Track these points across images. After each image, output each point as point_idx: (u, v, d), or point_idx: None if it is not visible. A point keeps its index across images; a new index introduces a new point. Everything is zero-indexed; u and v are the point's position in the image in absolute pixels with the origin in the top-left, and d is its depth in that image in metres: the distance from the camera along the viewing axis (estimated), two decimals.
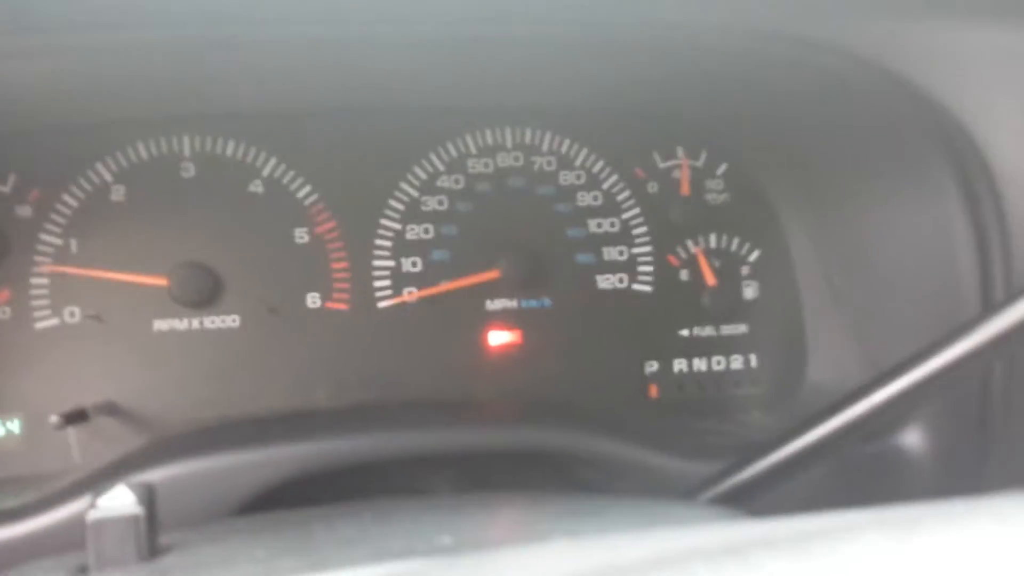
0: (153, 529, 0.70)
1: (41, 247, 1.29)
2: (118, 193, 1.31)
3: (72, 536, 0.97)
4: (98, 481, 1.03)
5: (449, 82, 1.27)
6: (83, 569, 0.70)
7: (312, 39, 1.05)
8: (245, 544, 0.68)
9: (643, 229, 1.42)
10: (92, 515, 0.69)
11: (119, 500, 0.70)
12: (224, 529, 0.78)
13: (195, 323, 1.31)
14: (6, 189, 1.30)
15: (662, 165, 1.43)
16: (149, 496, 0.70)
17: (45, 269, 1.29)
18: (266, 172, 1.35)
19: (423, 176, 1.39)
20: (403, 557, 0.58)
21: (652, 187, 1.43)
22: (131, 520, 0.69)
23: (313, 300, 1.35)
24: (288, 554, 0.63)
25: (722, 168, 1.44)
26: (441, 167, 1.39)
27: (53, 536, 0.98)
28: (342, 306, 1.35)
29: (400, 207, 1.38)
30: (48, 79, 1.12)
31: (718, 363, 1.43)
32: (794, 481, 1.01)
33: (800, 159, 1.36)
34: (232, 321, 1.32)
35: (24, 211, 1.29)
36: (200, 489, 1.00)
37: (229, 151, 1.34)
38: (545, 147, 1.41)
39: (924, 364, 0.88)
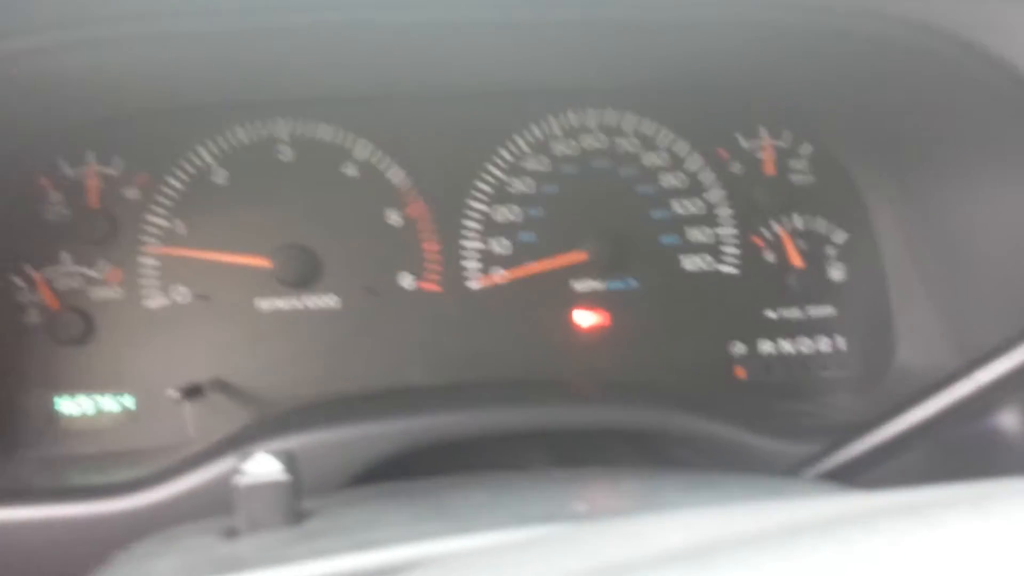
0: (298, 495, 0.74)
1: (149, 228, 1.35)
2: (220, 176, 1.36)
3: (197, 506, 1.03)
4: (215, 455, 1.09)
5: (533, 65, 1.29)
6: (232, 532, 0.75)
7: (402, 24, 1.08)
8: (385, 509, 0.72)
9: (728, 210, 1.43)
10: (242, 480, 0.73)
11: (265, 467, 0.74)
12: (356, 496, 0.82)
13: (296, 303, 1.36)
14: (114, 172, 1.35)
15: (745, 145, 1.44)
16: (292, 463, 0.75)
17: (153, 250, 1.35)
18: (359, 155, 1.39)
19: (509, 158, 1.42)
20: (545, 522, 0.61)
21: (736, 167, 1.44)
22: (279, 486, 0.73)
23: (407, 280, 1.39)
24: (431, 519, 0.66)
25: (807, 148, 1.45)
26: (527, 149, 1.42)
27: (178, 505, 1.03)
28: (435, 287, 1.39)
29: (488, 189, 1.41)
30: (149, 65, 1.16)
31: (805, 345, 1.44)
32: (891, 463, 1.02)
33: (888, 139, 1.36)
34: (331, 301, 1.37)
35: (132, 193, 1.35)
36: (312, 463, 1.04)
37: (324, 135, 1.38)
38: (628, 128, 1.43)
39: (1019, 347, 0.89)
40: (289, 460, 0.75)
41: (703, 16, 1.09)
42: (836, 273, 1.44)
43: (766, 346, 1.43)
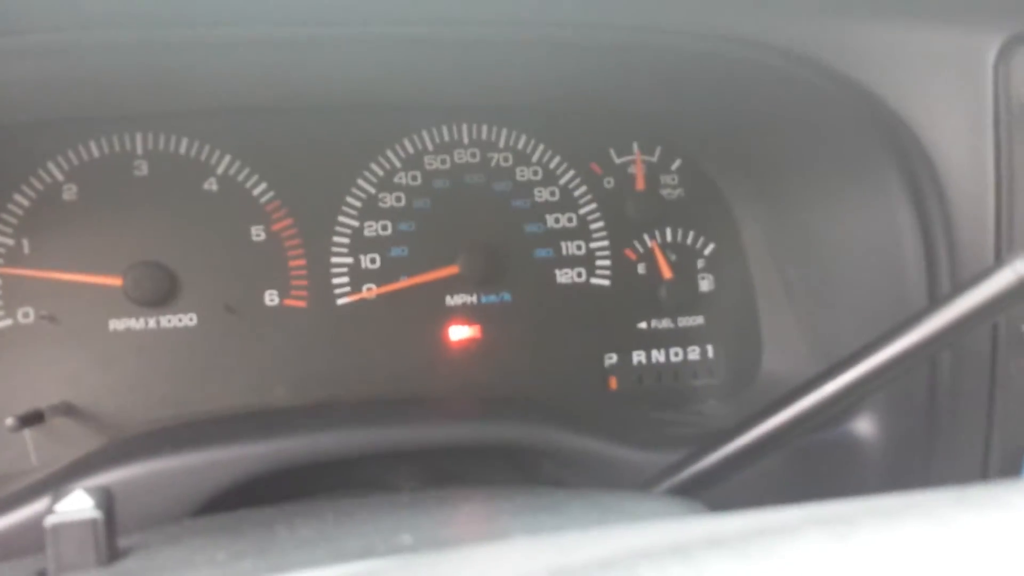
0: (112, 533, 0.70)
1: None
2: (70, 192, 1.29)
3: (29, 540, 0.96)
4: (55, 483, 1.03)
5: (405, 80, 1.27)
6: (42, 573, 0.70)
7: (268, 38, 1.05)
8: (204, 546, 0.68)
9: (600, 224, 1.43)
10: (50, 520, 0.68)
11: (77, 504, 0.69)
12: (183, 531, 0.78)
13: (151, 322, 1.30)
14: None
15: (618, 161, 1.45)
16: (107, 500, 0.70)
17: None
18: (221, 170, 1.34)
19: (380, 173, 1.39)
20: (363, 557, 0.59)
21: (608, 182, 1.44)
22: (90, 524, 0.68)
23: (271, 298, 1.34)
24: (247, 556, 0.63)
25: (676, 163, 1.46)
26: (398, 164, 1.39)
27: (10, 540, 0.97)
28: (300, 303, 1.35)
29: (357, 204, 1.38)
30: None
31: (676, 355, 1.45)
32: (750, 469, 1.03)
33: (750, 155, 1.38)
34: (189, 320, 1.31)
35: None
36: (159, 490, 1.00)
37: (183, 149, 1.33)
38: (502, 143, 1.42)
39: (873, 355, 0.91)
40: (103, 497, 0.70)
41: (577, 39, 1.09)
42: (705, 284, 1.46)
43: (638, 356, 1.44)
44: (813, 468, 1.20)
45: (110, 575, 0.65)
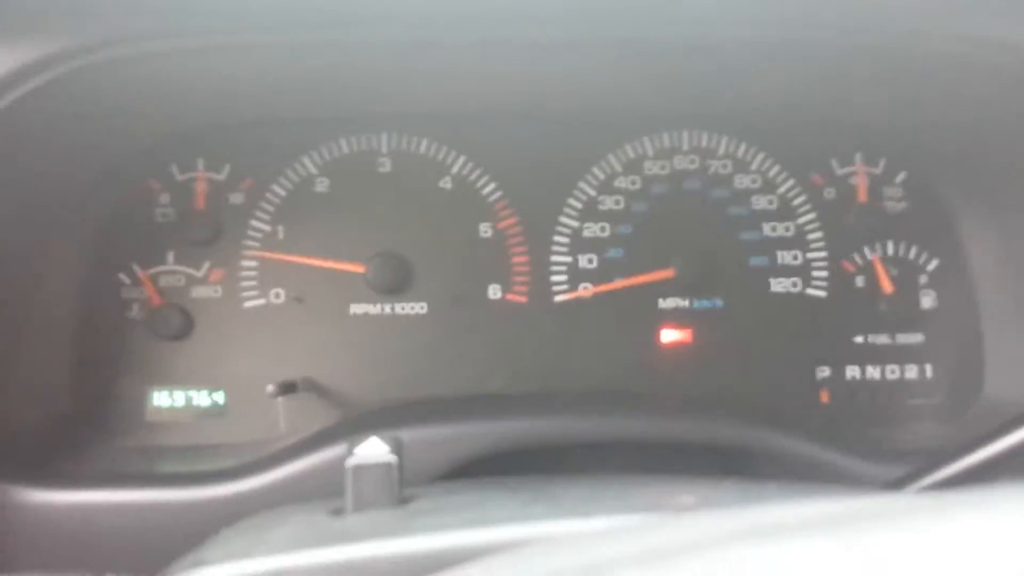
0: (403, 477, 0.76)
1: (251, 232, 1.40)
2: (322, 185, 1.41)
3: (296, 494, 1.06)
4: (319, 444, 1.12)
5: (629, 87, 1.31)
6: (339, 511, 0.77)
7: (505, 42, 1.11)
8: (487, 496, 0.74)
9: (818, 234, 1.42)
10: (351, 461, 0.75)
11: (373, 449, 0.76)
12: (454, 487, 0.84)
13: (387, 308, 1.40)
14: (221, 178, 1.41)
15: (840, 171, 1.44)
16: (400, 447, 0.77)
17: (254, 253, 1.40)
18: (455, 169, 1.42)
19: (601, 176, 1.44)
20: (652, 510, 0.62)
21: (829, 193, 1.43)
22: (386, 467, 0.75)
23: (494, 291, 1.41)
24: (535, 504, 0.67)
25: (901, 176, 1.44)
26: (619, 168, 1.44)
27: (278, 493, 1.07)
28: (521, 298, 1.41)
29: (578, 206, 1.43)
30: (259, 75, 1.22)
31: (892, 372, 1.42)
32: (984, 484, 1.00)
33: (983, 167, 1.34)
34: (421, 308, 1.40)
35: (237, 199, 1.41)
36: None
37: (423, 149, 1.42)
38: (721, 151, 1.44)
39: None
40: (397, 444, 0.77)
41: (801, 42, 1.10)
42: (927, 300, 1.42)
43: (852, 371, 1.41)
44: None
45: (408, 512, 0.71)
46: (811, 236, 1.43)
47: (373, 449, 0.76)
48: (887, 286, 1.41)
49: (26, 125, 1.11)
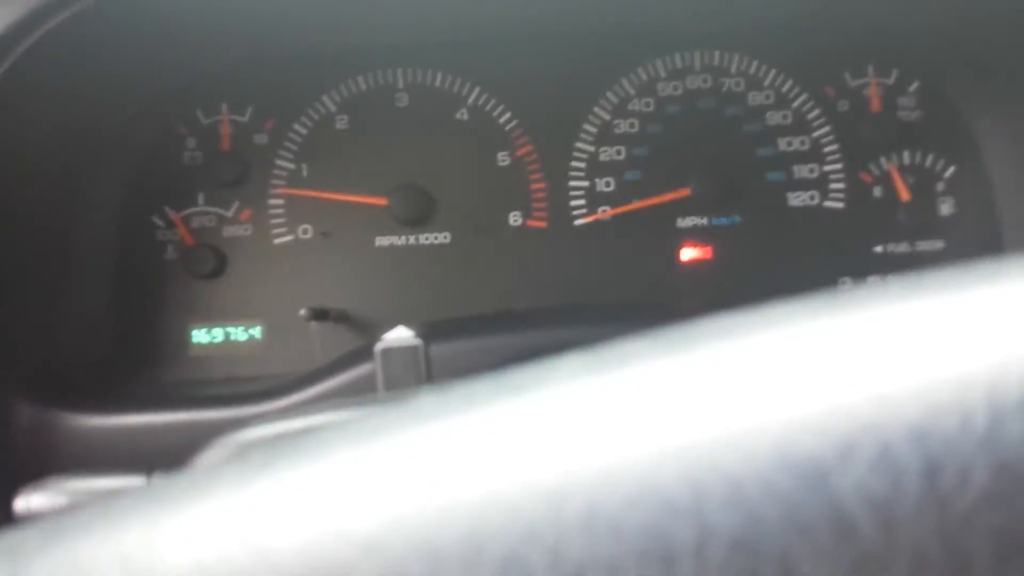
0: (430, 359, 0.80)
1: (276, 171, 1.45)
2: (342, 122, 1.45)
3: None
4: (342, 365, 1.16)
5: (639, 6, 1.33)
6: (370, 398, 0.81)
7: None
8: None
9: (834, 147, 1.44)
10: (380, 346, 0.80)
11: (401, 335, 0.80)
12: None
13: (411, 239, 1.44)
14: (245, 119, 1.46)
15: (852, 83, 1.44)
16: (427, 335, 0.81)
17: (280, 191, 1.44)
18: (471, 100, 1.45)
19: (615, 100, 1.46)
20: None
21: (843, 105, 1.44)
22: (414, 350, 0.79)
23: (515, 218, 1.44)
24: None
25: (914, 85, 1.44)
26: (632, 91, 1.45)
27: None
28: (542, 224, 1.44)
29: (593, 130, 1.45)
30: (277, 14, 1.25)
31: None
32: None
33: (997, 72, 1.34)
34: (444, 238, 1.44)
35: (261, 139, 1.45)
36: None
37: (438, 82, 1.45)
38: (734, 69, 1.45)
39: None
40: (423, 332, 0.81)
41: None
42: (945, 207, 1.43)
43: (873, 281, 1.43)
44: None
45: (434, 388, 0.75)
46: (827, 149, 1.44)
47: (399, 334, 0.80)
48: (904, 194, 1.42)
49: (53, 68, 1.15)
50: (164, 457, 1.13)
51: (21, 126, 1.17)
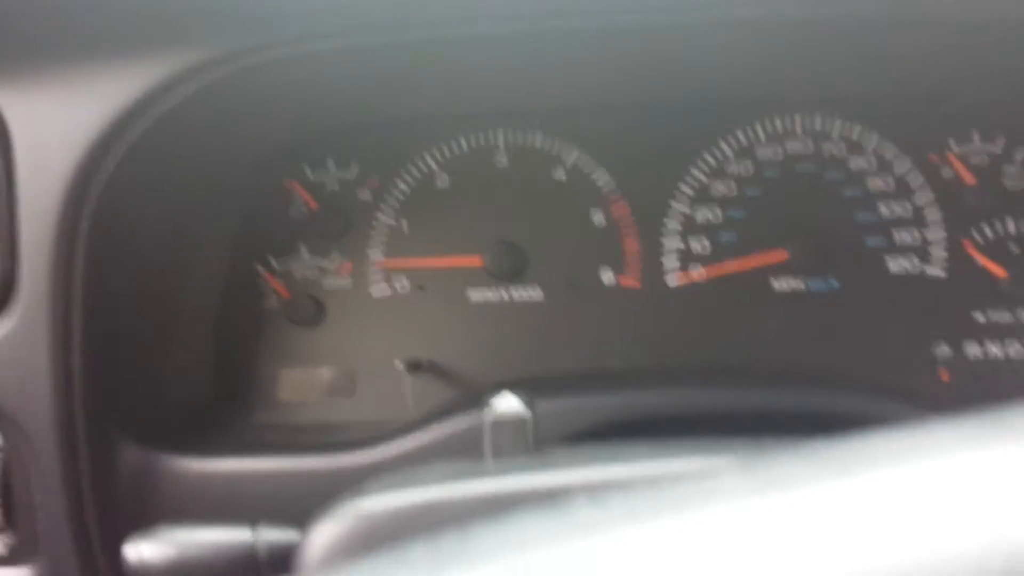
0: (537, 429, 0.81)
1: (377, 225, 1.49)
2: (443, 181, 1.49)
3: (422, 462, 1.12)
4: (439, 417, 1.19)
5: (738, 72, 1.34)
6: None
7: (613, 32, 1.15)
8: (620, 446, 0.78)
9: (937, 214, 1.41)
10: (490, 416, 0.81)
11: (509, 403, 0.82)
12: (579, 451, 0.88)
13: (504, 295, 1.46)
14: (350, 176, 1.51)
15: (957, 150, 1.42)
16: (533, 403, 0.82)
17: (380, 246, 1.48)
18: (569, 161, 1.47)
19: (712, 163, 1.46)
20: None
21: (947, 172, 1.42)
22: (521, 421, 0.80)
23: (608, 277, 1.45)
24: (673, 451, 0.71)
25: (1021, 154, 1.41)
26: (730, 154, 1.46)
27: (407, 461, 1.14)
28: (634, 283, 1.45)
29: (690, 192, 1.46)
30: (383, 77, 1.29)
31: (1015, 350, 1.39)
32: None
33: None
34: (536, 294, 1.46)
35: (364, 195, 1.50)
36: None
37: (537, 144, 1.48)
38: (835, 133, 1.44)
39: None
40: (530, 400, 0.82)
41: (912, 17, 1.11)
42: None
43: (973, 349, 1.39)
44: None
45: (545, 459, 0.76)
46: (929, 216, 1.41)
47: (508, 403, 0.82)
48: (1000, 272, 1.38)
49: (176, 137, 1.21)
50: (265, 504, 1.17)
51: (143, 191, 1.24)
